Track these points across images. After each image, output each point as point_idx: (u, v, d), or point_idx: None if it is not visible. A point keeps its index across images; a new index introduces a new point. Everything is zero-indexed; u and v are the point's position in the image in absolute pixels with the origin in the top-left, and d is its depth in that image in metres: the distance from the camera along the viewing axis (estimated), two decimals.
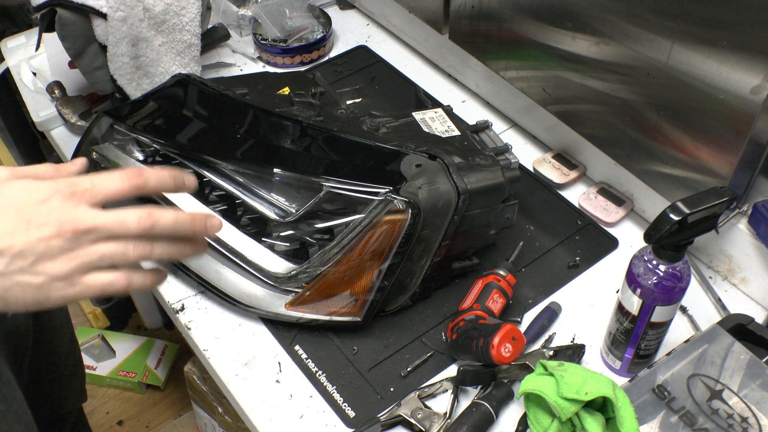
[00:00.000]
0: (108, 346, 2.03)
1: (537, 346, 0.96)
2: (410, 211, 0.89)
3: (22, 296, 0.61)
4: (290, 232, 0.95)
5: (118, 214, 0.62)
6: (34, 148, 1.66)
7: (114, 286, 0.64)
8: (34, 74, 1.37)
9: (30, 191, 0.62)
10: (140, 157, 1.04)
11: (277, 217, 0.93)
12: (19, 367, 1.14)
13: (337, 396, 0.91)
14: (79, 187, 0.63)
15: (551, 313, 0.98)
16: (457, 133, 1.04)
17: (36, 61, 1.38)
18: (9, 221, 0.61)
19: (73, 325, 1.31)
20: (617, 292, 0.88)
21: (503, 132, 1.26)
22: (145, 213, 0.63)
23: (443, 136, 1.02)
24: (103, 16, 1.09)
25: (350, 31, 1.48)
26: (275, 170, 0.94)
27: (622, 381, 0.90)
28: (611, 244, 1.08)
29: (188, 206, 0.97)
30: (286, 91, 1.13)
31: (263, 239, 0.95)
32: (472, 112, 1.29)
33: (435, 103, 1.27)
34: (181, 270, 1.00)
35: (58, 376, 1.35)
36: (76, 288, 0.63)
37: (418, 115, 1.07)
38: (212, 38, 1.37)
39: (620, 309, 0.86)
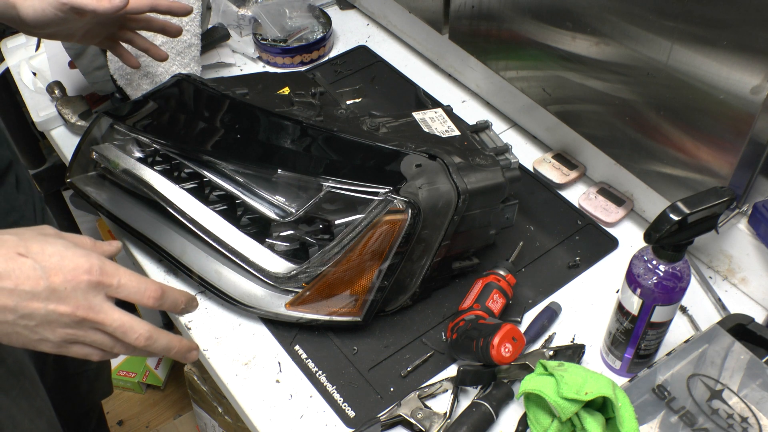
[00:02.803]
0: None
1: (537, 346, 0.96)
2: (410, 211, 0.89)
3: (14, 341, 0.67)
4: (290, 232, 0.95)
5: (124, 322, 0.69)
6: (34, 148, 1.66)
7: (89, 357, 0.71)
8: (34, 74, 1.37)
9: (66, 256, 0.67)
10: (140, 156, 1.04)
11: (277, 217, 0.93)
12: (42, 363, 1.15)
13: (337, 396, 0.91)
14: (107, 279, 0.68)
15: (551, 313, 0.98)
16: (457, 133, 1.04)
17: (36, 61, 1.38)
18: (36, 275, 0.65)
19: None
20: (617, 292, 0.88)
21: (503, 132, 1.26)
22: (146, 333, 0.69)
23: (443, 136, 1.02)
24: None
25: (350, 31, 1.48)
26: (275, 170, 0.95)
27: (622, 381, 0.90)
28: (611, 244, 1.08)
29: (189, 209, 0.98)
30: (286, 91, 1.13)
31: (263, 239, 0.95)
32: (472, 112, 1.29)
33: (435, 103, 1.27)
34: (181, 270, 1.00)
35: (85, 371, 1.35)
36: (59, 349, 0.69)
37: (418, 115, 1.07)
38: (212, 38, 1.37)
39: (620, 309, 0.86)
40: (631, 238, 1.09)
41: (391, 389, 0.92)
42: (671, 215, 0.74)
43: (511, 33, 1.07)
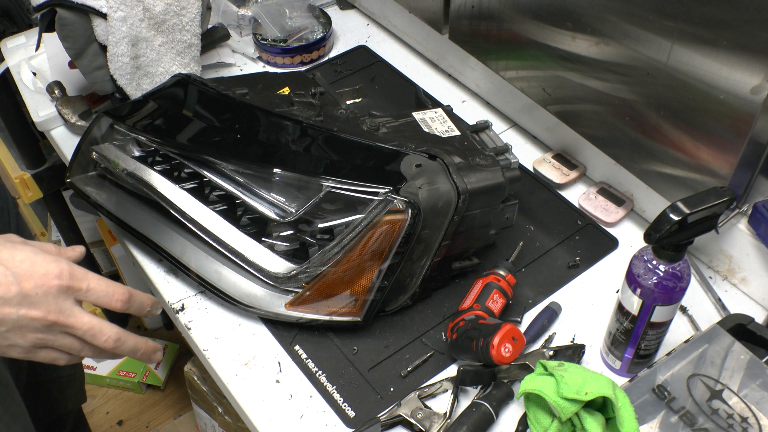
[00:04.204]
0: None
1: (537, 346, 0.96)
2: (410, 211, 0.89)
3: None
4: (290, 232, 0.95)
5: (93, 325, 0.70)
6: (34, 148, 1.66)
7: (56, 362, 0.72)
8: (34, 74, 1.37)
9: (36, 262, 0.68)
10: (140, 156, 1.04)
11: (277, 217, 0.93)
12: (17, 368, 1.15)
13: (337, 396, 0.91)
14: (77, 283, 0.69)
15: (551, 313, 0.98)
16: (457, 133, 1.04)
17: (36, 61, 1.38)
18: (7, 281, 0.67)
19: None
20: (617, 292, 0.88)
21: (503, 132, 1.26)
22: (115, 336, 0.71)
23: (443, 136, 1.02)
24: (103, 16, 1.09)
25: (350, 31, 1.48)
26: (275, 170, 0.95)
27: (622, 381, 0.90)
28: (611, 244, 1.08)
29: (189, 209, 0.98)
30: (286, 91, 1.13)
31: (263, 239, 0.95)
32: (472, 112, 1.29)
33: (435, 103, 1.27)
34: (181, 270, 1.00)
35: (57, 377, 1.35)
36: (28, 354, 0.71)
37: (418, 115, 1.07)
38: (212, 38, 1.37)
39: (620, 309, 0.86)
40: (631, 238, 1.09)
41: (391, 389, 0.92)
42: (671, 215, 0.74)
43: (511, 33, 1.07)
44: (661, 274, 0.80)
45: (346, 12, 1.53)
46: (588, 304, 1.01)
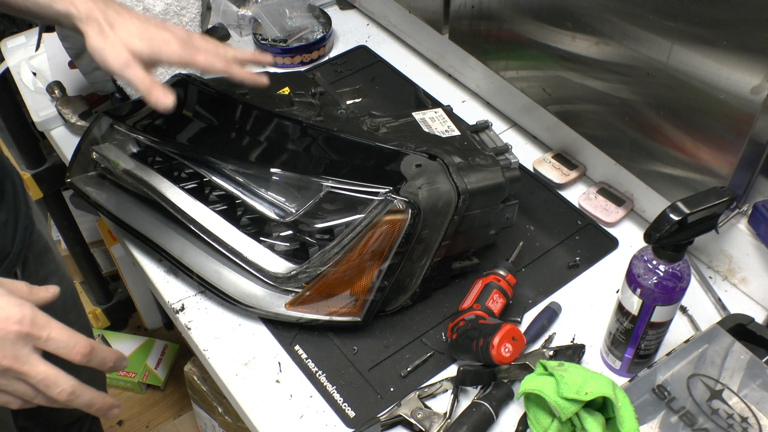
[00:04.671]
0: (108, 346, 2.03)
1: (537, 346, 0.96)
2: (410, 211, 0.89)
3: None
4: (290, 232, 0.95)
5: (48, 375, 0.69)
6: (34, 148, 1.66)
7: (9, 405, 0.71)
8: (34, 74, 1.37)
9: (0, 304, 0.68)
10: (140, 156, 1.04)
11: (277, 217, 0.93)
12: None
13: (337, 396, 0.91)
14: (37, 331, 0.68)
15: (551, 313, 0.98)
16: (457, 133, 1.04)
17: (36, 61, 1.38)
18: None
19: (92, 331, 1.30)
20: (617, 292, 0.88)
21: (503, 132, 1.26)
22: (69, 389, 0.70)
23: (443, 136, 1.02)
24: None
25: (350, 31, 1.48)
26: (275, 170, 0.95)
27: (622, 381, 0.90)
28: (611, 244, 1.08)
29: (189, 209, 0.97)
30: (286, 91, 1.13)
31: (263, 239, 0.95)
32: (472, 112, 1.29)
33: (435, 103, 1.27)
34: (181, 270, 1.00)
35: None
36: None
37: (418, 115, 1.07)
38: (212, 38, 1.36)
39: (620, 309, 0.86)
40: (631, 238, 1.09)
41: (391, 389, 0.92)
42: (671, 215, 0.74)
43: (511, 33, 1.07)
44: (661, 274, 0.80)
45: (346, 12, 1.53)
46: (588, 304, 1.01)
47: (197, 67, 0.90)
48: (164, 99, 0.84)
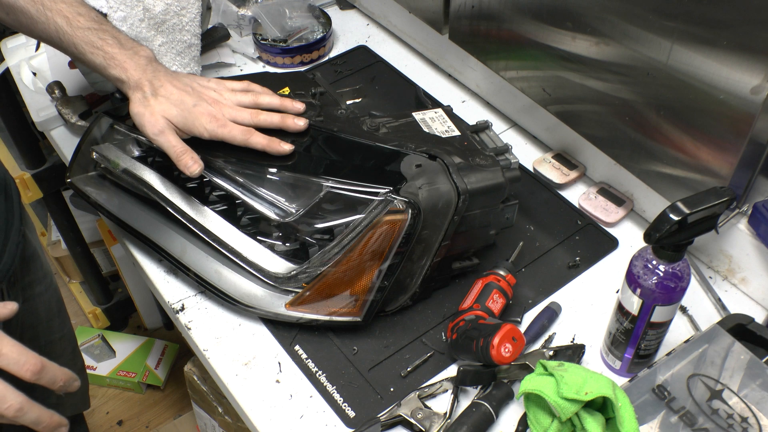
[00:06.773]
0: (108, 346, 2.04)
1: (537, 346, 0.96)
2: (410, 211, 0.89)
3: None
4: (290, 232, 0.95)
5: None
6: (34, 148, 1.66)
7: None
8: (34, 74, 1.37)
9: None
10: (140, 156, 1.04)
11: (277, 217, 0.93)
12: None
13: (337, 396, 0.91)
14: None
15: (551, 313, 0.98)
16: (457, 133, 1.04)
17: (36, 61, 1.38)
18: None
19: (76, 338, 1.30)
20: (617, 292, 0.88)
21: (503, 132, 1.26)
22: (17, 405, 0.70)
23: (443, 136, 1.02)
24: (103, 16, 1.09)
25: (350, 31, 1.48)
26: (275, 170, 0.95)
27: (622, 381, 0.90)
28: (611, 244, 1.08)
29: (189, 209, 0.97)
30: (286, 91, 1.13)
31: (263, 239, 0.95)
32: (472, 112, 1.29)
33: (435, 103, 1.27)
34: (181, 270, 1.00)
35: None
36: None
37: (418, 115, 1.07)
38: (212, 38, 1.37)
39: (620, 309, 0.86)
40: (631, 238, 1.09)
41: (391, 389, 0.92)
42: (671, 215, 0.74)
43: (511, 33, 1.07)
44: (661, 274, 0.80)
45: (346, 12, 1.53)
46: (588, 304, 1.01)
47: (221, 140, 0.96)
48: (192, 167, 0.92)
